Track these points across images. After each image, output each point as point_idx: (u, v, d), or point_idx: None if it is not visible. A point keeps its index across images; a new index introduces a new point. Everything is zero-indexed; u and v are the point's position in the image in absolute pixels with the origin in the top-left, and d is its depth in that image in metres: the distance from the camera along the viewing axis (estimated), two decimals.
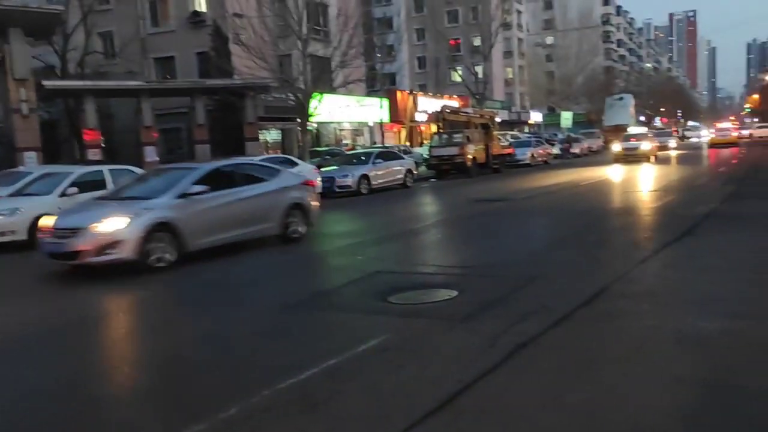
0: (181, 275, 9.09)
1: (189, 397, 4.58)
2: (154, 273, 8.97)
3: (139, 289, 8.35)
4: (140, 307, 7.78)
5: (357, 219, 15.83)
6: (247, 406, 4.21)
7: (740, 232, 10.08)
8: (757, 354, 4.68)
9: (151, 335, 6.45)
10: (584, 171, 27.49)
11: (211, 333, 6.15)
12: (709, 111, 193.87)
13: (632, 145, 32.28)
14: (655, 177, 23.14)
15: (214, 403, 4.32)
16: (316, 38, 28.87)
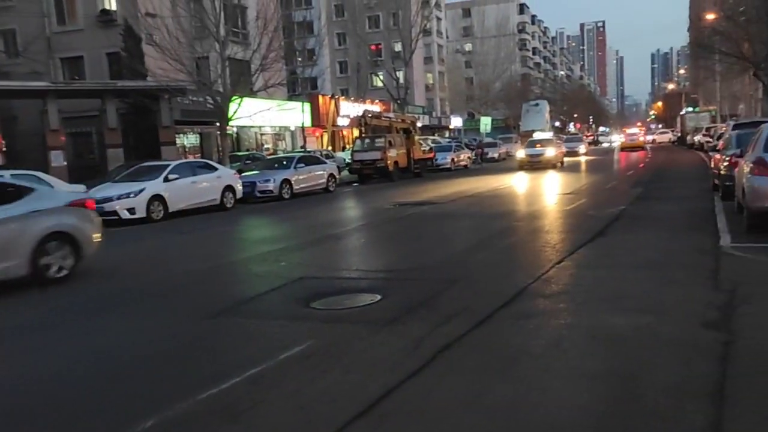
0: (91, 282, 8.68)
1: (102, 411, 4.35)
2: None
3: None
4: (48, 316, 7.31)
5: (279, 224, 15.62)
6: (164, 419, 4.05)
7: (647, 232, 10.61)
8: (664, 347, 4.91)
9: (62, 345, 6.07)
10: (502, 175, 28.21)
11: (126, 343, 5.90)
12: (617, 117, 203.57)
13: (537, 152, 31.18)
14: (569, 181, 24.02)
15: (129, 417, 4.14)
16: (235, 41, 28.37)
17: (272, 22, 26.10)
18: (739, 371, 4.36)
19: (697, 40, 45.46)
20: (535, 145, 32.71)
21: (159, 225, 16.19)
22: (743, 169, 10.12)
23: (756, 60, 32.37)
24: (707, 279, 7.06)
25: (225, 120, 25.22)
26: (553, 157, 31.03)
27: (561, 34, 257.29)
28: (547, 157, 30.62)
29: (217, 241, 13.19)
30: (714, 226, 10.56)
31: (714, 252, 8.49)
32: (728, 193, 12.51)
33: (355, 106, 48.16)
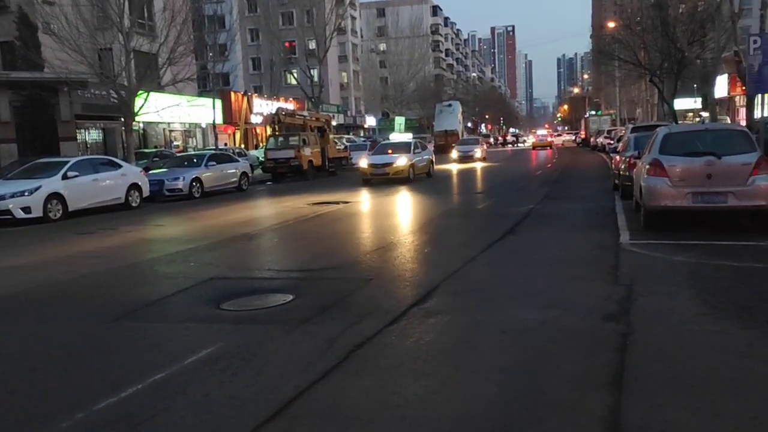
0: None
1: None
2: None
3: None
4: None
5: (188, 224, 15.13)
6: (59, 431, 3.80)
7: (553, 230, 11.01)
8: (568, 340, 5.09)
9: None
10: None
11: (16, 351, 5.51)
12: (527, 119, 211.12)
13: (384, 160, 23.66)
14: (481, 180, 24.62)
15: (22, 428, 3.87)
16: (141, 32, 27.26)
17: (180, 14, 25.26)
18: (637, 361, 4.57)
19: (598, 47, 47.70)
20: (386, 151, 25.18)
21: (57, 225, 15.32)
22: (640, 170, 10.66)
23: (652, 67, 34.28)
24: (608, 274, 7.38)
25: (130, 115, 24.20)
26: (403, 167, 23.06)
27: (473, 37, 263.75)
28: (397, 167, 23.01)
29: (120, 241, 12.61)
30: (614, 224, 11.08)
31: (614, 249, 8.90)
32: (627, 193, 13.18)
33: (269, 103, 47.47)
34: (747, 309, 5.74)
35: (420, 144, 27.01)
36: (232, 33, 43.23)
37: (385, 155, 24.21)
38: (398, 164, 23.10)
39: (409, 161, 23.50)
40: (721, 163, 9.22)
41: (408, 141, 27.63)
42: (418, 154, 25.07)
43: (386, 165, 23.17)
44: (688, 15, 29.62)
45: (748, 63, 15.53)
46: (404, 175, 22.96)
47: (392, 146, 25.99)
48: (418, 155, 24.80)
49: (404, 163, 23.25)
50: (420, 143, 27.27)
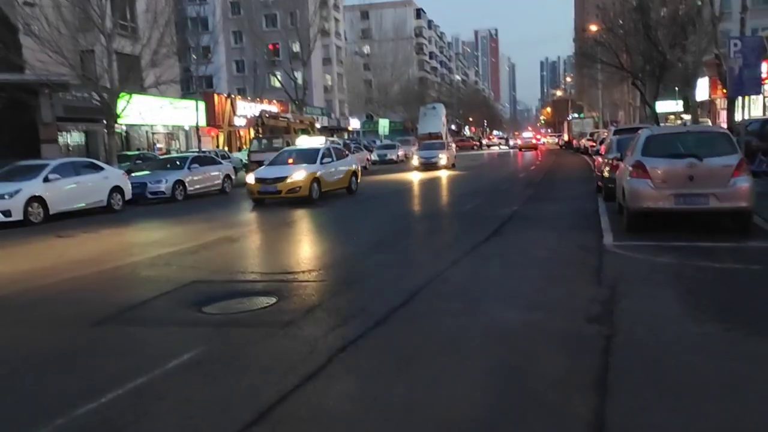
0: None
1: None
2: None
3: None
4: None
5: (171, 227, 14.99)
6: None
7: (537, 232, 11.04)
8: (552, 342, 5.09)
9: None
10: (399, 176, 28.55)
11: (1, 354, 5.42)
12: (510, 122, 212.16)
13: (275, 174, 17.63)
14: (467, 182, 24.67)
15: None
16: (123, 34, 27.01)
17: (163, 15, 25.07)
18: (620, 363, 4.58)
19: (581, 50, 48.06)
20: (285, 160, 18.99)
21: (39, 228, 15.11)
22: (623, 171, 10.73)
23: (634, 70, 34.62)
24: (591, 276, 7.41)
25: (113, 117, 23.97)
26: (301, 182, 17.17)
27: (456, 40, 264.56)
28: (292, 183, 17.16)
29: (102, 244, 12.47)
30: (598, 225, 11.13)
31: (597, 250, 8.94)
32: (610, 195, 13.24)
33: (252, 105, 47.28)
34: (729, 310, 5.79)
35: (337, 151, 20.50)
36: (215, 35, 43.01)
37: (280, 167, 18.15)
38: (294, 179, 16.93)
39: (309, 175, 17.18)
40: (703, 165, 9.30)
41: (316, 147, 20.02)
42: (329, 164, 18.58)
43: (278, 180, 17.10)
44: (670, 18, 29.95)
45: (729, 66, 15.73)
46: (303, 194, 16.98)
47: (295, 154, 19.68)
48: (328, 166, 18.42)
49: (301, 178, 16.98)
50: (337, 150, 20.74)
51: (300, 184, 17.17)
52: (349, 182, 19.93)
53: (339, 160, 19.57)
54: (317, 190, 17.77)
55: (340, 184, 19.35)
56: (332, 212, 15.91)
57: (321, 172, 18.05)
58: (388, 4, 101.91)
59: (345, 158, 20.35)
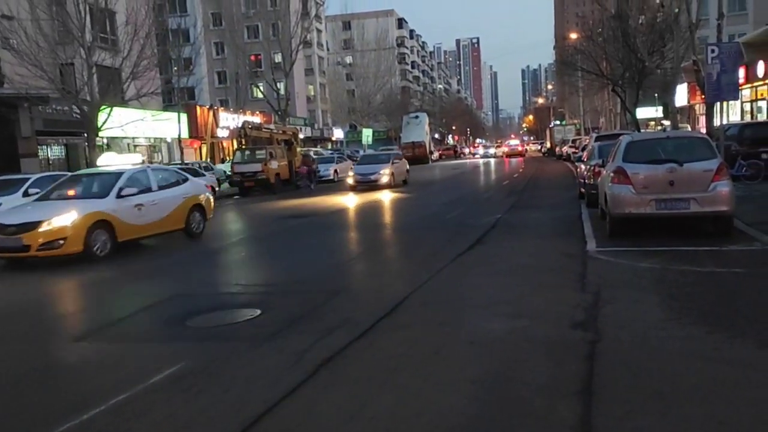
0: None
1: None
2: None
3: None
4: None
5: (151, 240, 14.85)
6: None
7: (521, 239, 11.07)
8: (537, 349, 5.10)
9: None
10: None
11: None
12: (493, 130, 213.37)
13: (20, 219, 10.90)
14: (451, 190, 24.72)
15: None
16: (103, 47, 26.79)
17: (144, 28, 24.91)
18: (605, 368, 4.59)
19: (561, 58, 48.55)
20: (65, 192, 12.46)
21: None
22: (605, 178, 10.80)
23: (614, 77, 34.98)
24: (575, 282, 7.44)
25: (93, 130, 23.73)
26: (72, 229, 10.71)
27: (438, 49, 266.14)
28: (50, 231, 10.60)
29: (81, 259, 12.30)
30: (581, 231, 11.19)
31: (581, 256, 8.98)
32: (593, 201, 13.34)
33: (235, 117, 47.09)
34: (711, 313, 5.83)
35: (163, 175, 13.50)
36: (197, 47, 42.88)
37: (43, 205, 11.74)
38: (54, 225, 10.56)
39: (87, 217, 10.93)
40: (683, 170, 9.39)
41: (115, 171, 12.78)
42: (138, 196, 11.98)
43: (24, 228, 10.57)
44: (648, 26, 30.33)
45: (707, 72, 15.91)
46: (72, 249, 10.63)
47: (83, 182, 13.06)
48: (134, 200, 11.87)
49: (68, 223, 10.62)
50: (162, 174, 13.61)
51: (65, 234, 10.58)
52: (187, 221, 13.11)
53: (166, 188, 12.95)
54: (106, 241, 11.15)
55: (165, 226, 12.63)
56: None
57: (115, 211, 11.46)
58: (370, 14, 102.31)
59: (179, 185, 13.39)
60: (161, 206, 12.52)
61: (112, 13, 26.72)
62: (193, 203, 13.48)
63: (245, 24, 60.57)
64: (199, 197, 13.80)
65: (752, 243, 9.05)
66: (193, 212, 13.39)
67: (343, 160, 38.83)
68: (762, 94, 27.20)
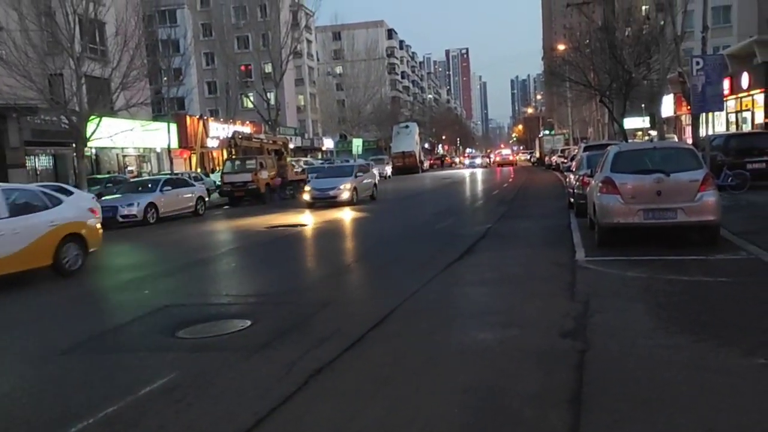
0: None
1: None
2: None
3: None
4: None
5: (143, 250, 14.81)
6: None
7: (511, 249, 11.13)
8: (527, 358, 5.13)
9: None
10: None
11: None
12: (483, 139, 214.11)
13: None
14: (440, 199, 24.78)
15: None
16: (92, 57, 26.76)
17: (133, 38, 24.92)
18: (594, 377, 4.62)
19: (550, 68, 48.84)
20: None
21: None
22: (593, 188, 10.89)
23: (601, 88, 35.28)
24: (565, 291, 7.48)
25: (82, 141, 23.66)
26: None
27: (428, 59, 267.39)
28: None
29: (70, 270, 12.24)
30: (570, 241, 11.26)
31: (570, 266, 9.04)
32: (582, 211, 13.42)
33: (225, 127, 47.05)
34: (698, 322, 5.88)
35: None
36: (187, 57, 42.87)
37: None
38: None
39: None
40: (670, 180, 9.48)
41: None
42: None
43: None
44: (634, 38, 30.65)
45: (692, 83, 16.13)
46: None
47: None
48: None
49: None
50: None
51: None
52: (56, 255, 10.26)
53: (23, 213, 10.05)
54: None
55: (18, 263, 9.64)
56: None
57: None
58: (360, 24, 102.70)
59: (44, 210, 10.40)
60: (13, 237, 9.54)
61: (102, 23, 26.73)
62: (66, 232, 10.51)
63: (235, 34, 60.64)
64: (76, 224, 10.88)
65: (738, 252, 9.14)
66: (67, 244, 10.50)
67: None
68: (746, 105, 27.54)
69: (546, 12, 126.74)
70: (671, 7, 23.78)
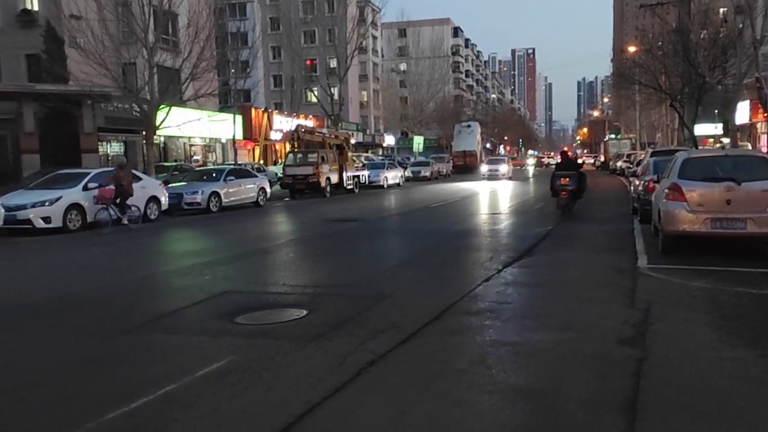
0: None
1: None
2: None
3: None
4: None
5: (206, 237, 15.23)
6: None
7: (571, 252, 10.92)
8: (582, 363, 5.02)
9: None
10: (433, 193, 28.53)
11: (31, 359, 5.55)
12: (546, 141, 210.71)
13: None
14: (501, 199, 24.55)
15: None
16: (164, 48, 27.66)
17: (204, 30, 25.64)
18: (651, 386, 4.49)
19: (619, 71, 47.60)
20: None
21: (76, 235, 15.49)
22: (659, 194, 10.57)
23: (672, 92, 34.15)
24: (624, 298, 7.29)
25: (151, 129, 24.51)
26: None
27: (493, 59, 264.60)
28: None
29: (137, 253, 12.72)
30: (633, 247, 10.97)
31: (632, 272, 8.80)
32: (646, 217, 13.07)
33: (289, 120, 47.85)
34: (764, 336, 5.65)
35: None
36: (255, 50, 43.72)
37: None
38: None
39: None
40: (741, 189, 9.12)
41: None
42: None
43: None
44: (710, 41, 29.52)
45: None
46: None
47: None
48: None
49: None
50: None
51: None
52: None
53: None
54: None
55: None
56: None
57: None
58: (426, 22, 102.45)
59: None
60: None
61: (175, 15, 27.57)
62: None
63: (302, 29, 61.54)
64: None
65: None
66: None
67: (394, 167, 39.01)
68: None
69: (617, 13, 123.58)
70: (751, 9, 22.77)
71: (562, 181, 17.03)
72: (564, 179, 17.08)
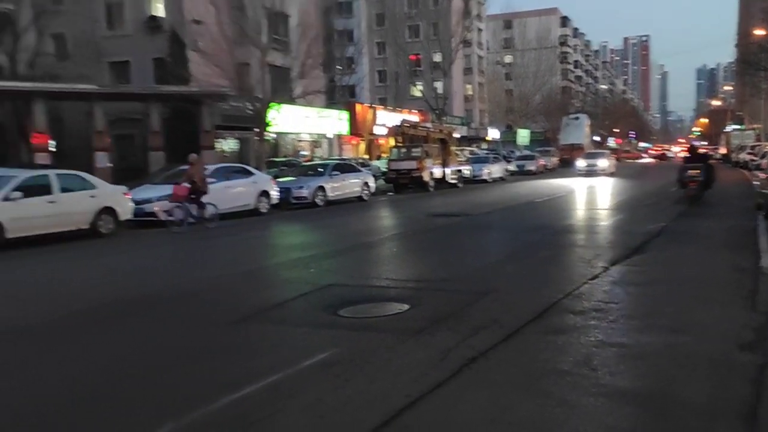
0: (117, 285, 8.79)
1: (116, 417, 4.34)
2: None
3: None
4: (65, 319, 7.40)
5: (311, 231, 15.68)
6: (178, 427, 4.04)
7: (686, 249, 10.35)
8: (696, 367, 4.76)
9: (77, 350, 6.03)
10: (538, 188, 27.87)
11: (145, 348, 5.91)
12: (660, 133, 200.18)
13: None
14: (610, 194, 23.62)
15: (144, 422, 4.15)
16: (276, 48, 28.67)
17: (312, 29, 26.39)
18: None
19: (744, 57, 44.38)
20: None
21: (193, 228, 16.34)
22: None
23: None
24: (745, 299, 6.82)
25: (263, 126, 25.53)
26: None
27: (604, 48, 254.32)
28: None
29: (248, 246, 13.28)
30: (755, 245, 10.24)
31: (753, 272, 8.21)
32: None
33: (393, 115, 48.25)
34: None
35: None
36: (360, 46, 44.47)
37: None
38: None
39: None
40: None
41: None
42: None
43: None
44: None
45: None
46: None
47: None
48: None
49: None
50: None
51: None
52: None
53: None
54: None
55: None
56: None
57: None
58: (532, 12, 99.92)
59: None
60: None
61: (286, 16, 28.50)
62: None
63: (407, 24, 61.84)
64: None
65: None
66: None
67: (498, 161, 38.35)
68: None
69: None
70: None
71: (691, 173, 17.82)
72: (694, 170, 17.91)
